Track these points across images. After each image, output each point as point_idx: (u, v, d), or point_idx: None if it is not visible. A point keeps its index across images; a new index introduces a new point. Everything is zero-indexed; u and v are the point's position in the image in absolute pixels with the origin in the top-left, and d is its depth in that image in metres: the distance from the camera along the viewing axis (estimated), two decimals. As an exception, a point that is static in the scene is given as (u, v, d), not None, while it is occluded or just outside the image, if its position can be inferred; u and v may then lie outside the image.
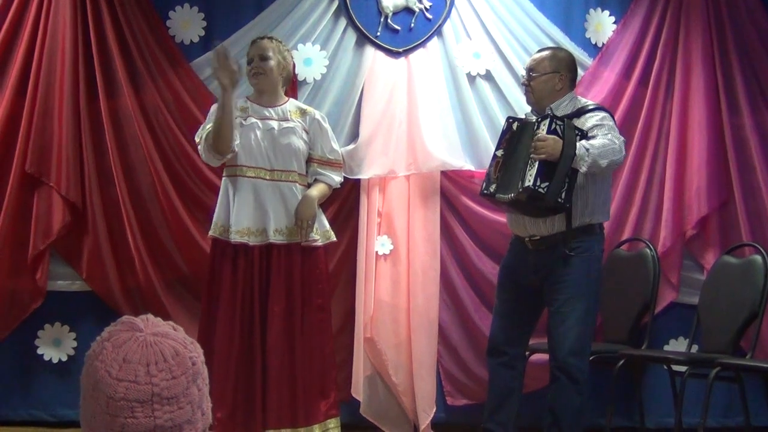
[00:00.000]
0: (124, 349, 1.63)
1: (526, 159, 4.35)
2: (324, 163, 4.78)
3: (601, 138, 4.37)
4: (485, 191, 4.56)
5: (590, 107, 4.60)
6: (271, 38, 4.83)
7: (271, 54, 4.70)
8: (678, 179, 5.61)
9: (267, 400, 4.49)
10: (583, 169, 4.29)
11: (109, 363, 1.62)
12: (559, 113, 4.51)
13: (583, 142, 4.33)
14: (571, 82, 4.68)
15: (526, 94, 4.69)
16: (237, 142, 4.59)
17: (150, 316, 1.71)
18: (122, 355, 1.62)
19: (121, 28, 5.39)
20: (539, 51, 4.81)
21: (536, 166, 4.27)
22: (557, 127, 4.30)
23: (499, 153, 4.54)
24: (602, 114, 4.55)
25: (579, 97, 4.75)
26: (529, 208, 4.45)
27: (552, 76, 4.59)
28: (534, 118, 4.48)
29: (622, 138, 4.53)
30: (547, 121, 4.33)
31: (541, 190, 4.26)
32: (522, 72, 5.51)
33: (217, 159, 4.64)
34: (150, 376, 1.61)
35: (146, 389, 1.60)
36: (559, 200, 4.30)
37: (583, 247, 4.50)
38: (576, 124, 4.45)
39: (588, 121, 4.49)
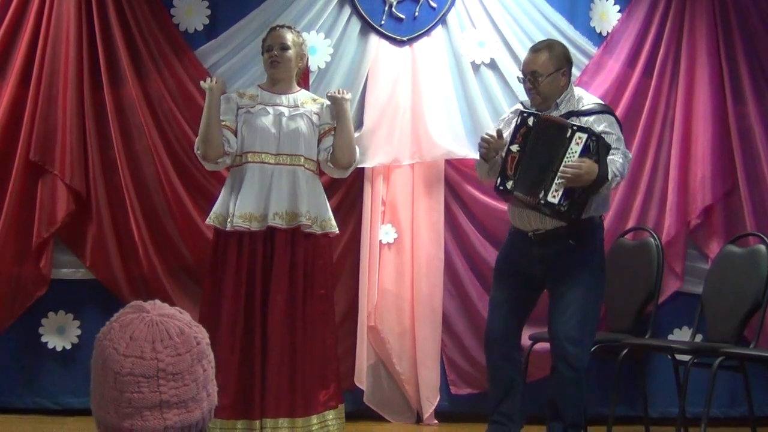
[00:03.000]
0: (131, 328, 1.69)
1: (551, 167, 4.26)
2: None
3: (616, 155, 4.34)
4: (500, 187, 4.43)
5: (596, 109, 4.51)
6: (290, 27, 4.78)
7: (290, 44, 4.67)
8: (682, 169, 5.61)
9: (266, 389, 4.46)
10: (606, 193, 4.37)
11: (117, 341, 1.68)
12: (563, 108, 4.47)
13: (612, 167, 4.29)
14: (570, 73, 4.62)
15: (532, 96, 4.54)
16: (229, 145, 4.57)
17: (157, 301, 1.76)
18: (129, 333, 1.68)
19: (125, 16, 5.39)
20: (535, 51, 4.58)
21: (563, 185, 4.24)
22: (591, 144, 4.23)
23: (514, 148, 4.38)
24: (610, 119, 4.48)
25: (579, 91, 4.67)
26: (544, 211, 4.40)
27: (556, 75, 4.49)
28: (569, 125, 4.30)
29: (630, 154, 4.56)
30: (584, 138, 4.23)
31: (562, 208, 4.25)
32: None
33: (212, 165, 4.66)
34: (156, 352, 1.67)
35: (152, 365, 1.66)
36: (573, 216, 4.31)
37: (586, 238, 4.49)
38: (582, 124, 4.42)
39: (595, 125, 4.41)
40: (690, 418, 5.09)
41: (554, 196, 4.24)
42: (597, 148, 4.24)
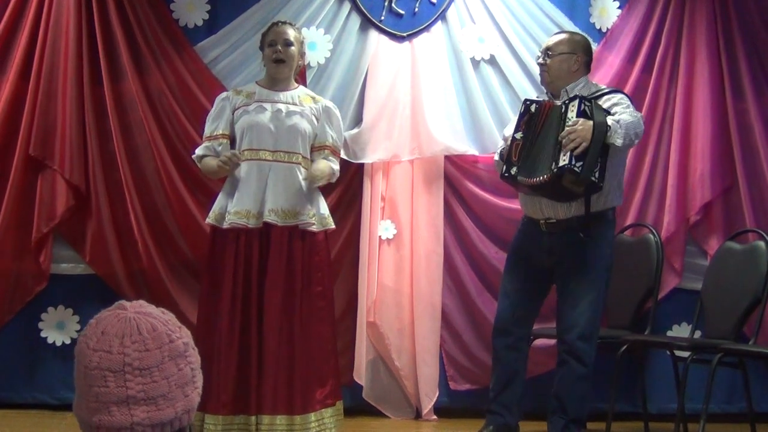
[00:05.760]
0: (103, 324, 1.71)
1: (555, 142, 4.29)
2: (333, 151, 4.69)
3: (622, 113, 4.36)
4: (506, 174, 4.45)
5: (606, 90, 4.61)
6: (291, 24, 4.76)
7: (293, 41, 4.66)
8: (682, 165, 5.60)
9: (262, 385, 4.46)
10: (618, 142, 4.26)
11: (89, 336, 1.70)
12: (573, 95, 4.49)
13: (612, 117, 4.32)
14: (586, 65, 4.68)
15: (542, 73, 4.67)
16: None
17: (142, 302, 1.78)
18: (101, 328, 1.70)
19: (125, 11, 5.39)
20: (556, 33, 4.84)
21: (568, 149, 4.23)
22: (586, 108, 4.27)
23: (518, 136, 4.44)
24: (619, 95, 4.56)
25: (594, 82, 4.77)
26: (552, 192, 4.40)
27: (569, 57, 4.60)
28: (559, 102, 4.41)
29: (640, 113, 4.58)
30: (576, 103, 4.29)
31: (576, 168, 4.22)
32: (526, 56, 5.52)
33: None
34: (123, 347, 1.68)
35: (118, 359, 1.67)
36: (593, 178, 4.25)
37: (598, 232, 4.49)
38: None
39: (605, 103, 4.47)
40: (689, 414, 5.10)
41: (564, 160, 4.23)
42: (592, 109, 4.28)
